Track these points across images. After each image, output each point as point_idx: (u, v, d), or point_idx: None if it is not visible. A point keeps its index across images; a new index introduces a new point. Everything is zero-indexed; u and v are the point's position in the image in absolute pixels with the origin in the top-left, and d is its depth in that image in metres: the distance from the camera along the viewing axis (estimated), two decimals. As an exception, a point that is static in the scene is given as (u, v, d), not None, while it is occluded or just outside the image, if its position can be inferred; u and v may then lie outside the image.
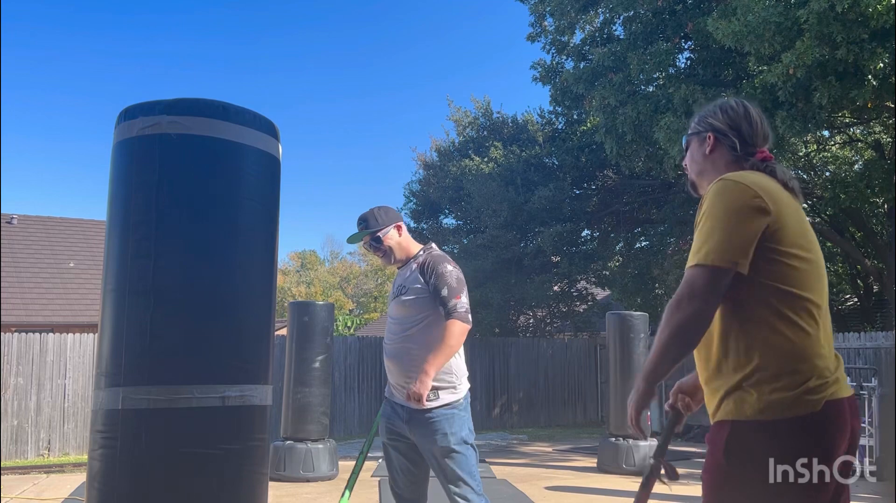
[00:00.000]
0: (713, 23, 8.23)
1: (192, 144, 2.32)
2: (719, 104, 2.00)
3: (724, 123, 1.95)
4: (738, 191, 1.73)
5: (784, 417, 1.65)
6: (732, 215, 1.71)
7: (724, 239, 1.69)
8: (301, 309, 7.77)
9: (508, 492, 6.82)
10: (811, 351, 1.69)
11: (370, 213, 3.25)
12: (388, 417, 3.19)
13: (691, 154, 2.03)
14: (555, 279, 14.24)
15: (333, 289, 47.35)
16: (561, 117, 14.88)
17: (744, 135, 1.93)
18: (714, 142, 1.94)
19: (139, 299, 2.24)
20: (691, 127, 2.05)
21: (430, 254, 3.20)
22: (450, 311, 3.03)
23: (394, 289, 3.25)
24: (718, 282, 1.68)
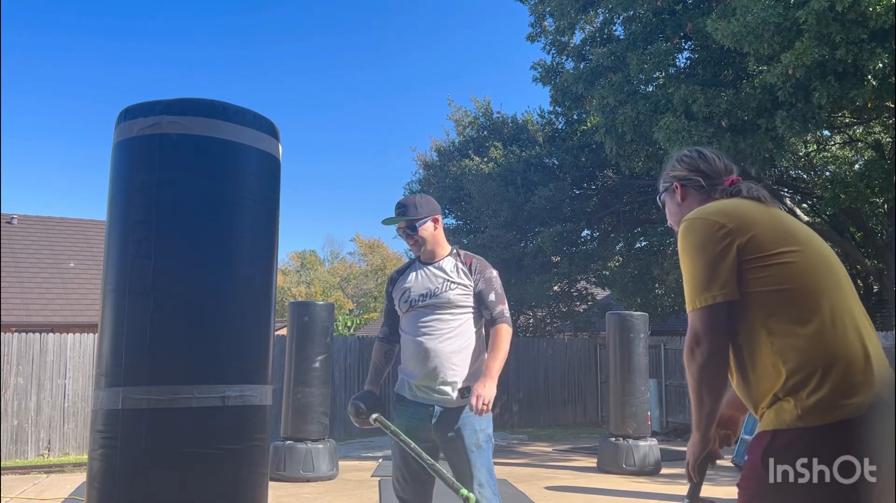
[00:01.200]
0: (713, 23, 8.23)
1: (192, 144, 2.32)
2: (675, 157, 2.11)
3: (685, 170, 2.06)
4: (697, 226, 1.81)
5: (826, 423, 1.61)
6: (702, 251, 1.77)
7: (704, 277, 1.76)
8: (301, 309, 7.77)
9: (508, 492, 6.82)
10: (836, 343, 1.67)
11: (410, 200, 3.19)
12: (408, 420, 3.07)
13: (669, 210, 2.13)
14: (555, 279, 14.25)
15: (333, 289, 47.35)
16: (561, 117, 14.88)
17: (704, 172, 2.03)
18: (682, 189, 2.06)
19: (139, 299, 2.24)
20: (660, 189, 2.16)
21: (473, 256, 3.19)
22: (498, 316, 3.06)
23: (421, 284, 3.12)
24: (717, 319, 1.74)
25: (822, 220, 13.09)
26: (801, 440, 1.63)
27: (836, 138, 13.35)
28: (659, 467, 8.13)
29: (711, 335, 1.73)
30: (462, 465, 2.98)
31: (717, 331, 1.73)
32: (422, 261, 3.20)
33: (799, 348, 1.67)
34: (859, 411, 1.61)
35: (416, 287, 3.12)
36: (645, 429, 8.28)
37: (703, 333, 1.74)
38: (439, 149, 16.35)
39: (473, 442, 2.97)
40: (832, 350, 1.66)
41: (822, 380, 1.63)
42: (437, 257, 3.16)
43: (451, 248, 3.23)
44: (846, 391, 1.62)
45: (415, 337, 3.06)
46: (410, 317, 3.11)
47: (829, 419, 1.61)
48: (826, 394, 1.62)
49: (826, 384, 1.63)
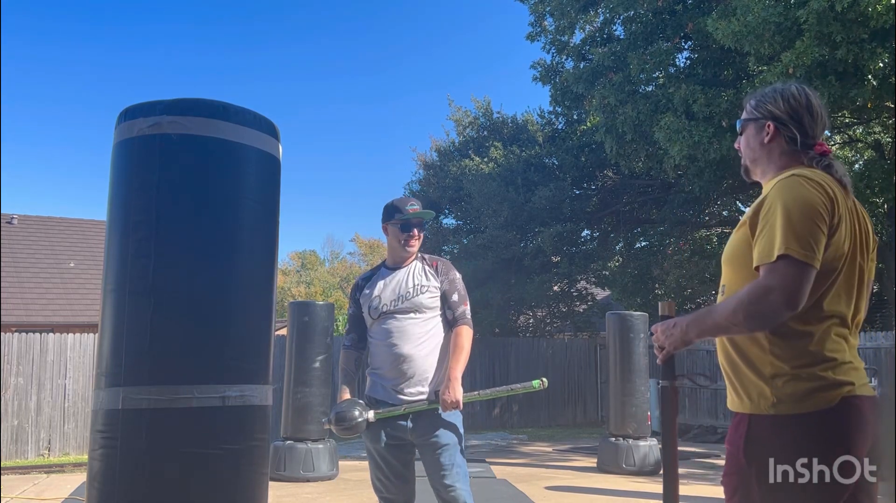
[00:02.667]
0: (713, 23, 8.23)
1: (192, 144, 2.32)
2: (780, 90, 1.92)
3: (786, 113, 1.88)
4: (817, 191, 1.70)
5: (798, 412, 1.65)
6: (813, 215, 1.66)
7: (812, 238, 1.64)
8: (301, 309, 7.77)
9: (508, 492, 6.82)
10: (827, 344, 1.69)
11: (418, 201, 3.34)
12: (384, 421, 3.12)
13: (747, 139, 1.96)
14: (555, 279, 14.25)
15: (333, 289, 47.33)
16: (561, 117, 14.89)
17: (805, 127, 1.87)
18: (774, 131, 1.88)
19: (139, 299, 2.24)
20: (747, 110, 1.98)
21: (439, 258, 3.29)
22: (459, 317, 3.15)
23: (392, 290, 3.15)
24: (807, 281, 1.63)
25: (822, 220, 13.08)
26: (776, 428, 1.66)
27: (836, 138, 13.35)
28: (659, 467, 8.13)
29: (799, 298, 1.62)
30: (436, 463, 3.04)
31: (804, 296, 1.62)
32: (389, 265, 3.25)
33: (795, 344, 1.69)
34: (830, 402, 1.64)
35: (385, 293, 3.15)
36: (645, 429, 8.27)
37: (792, 289, 1.61)
38: (439, 149, 16.35)
39: (446, 440, 3.04)
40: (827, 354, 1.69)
41: (805, 375, 1.67)
42: (406, 261, 3.22)
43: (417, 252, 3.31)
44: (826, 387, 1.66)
45: (388, 341, 3.10)
46: (381, 322, 3.15)
47: (801, 409, 1.65)
48: (803, 388, 1.66)
49: (808, 380, 1.66)
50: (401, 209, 3.23)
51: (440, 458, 3.03)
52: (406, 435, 3.09)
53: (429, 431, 3.05)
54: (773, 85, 1.98)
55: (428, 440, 3.05)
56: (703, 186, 11.13)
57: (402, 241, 3.20)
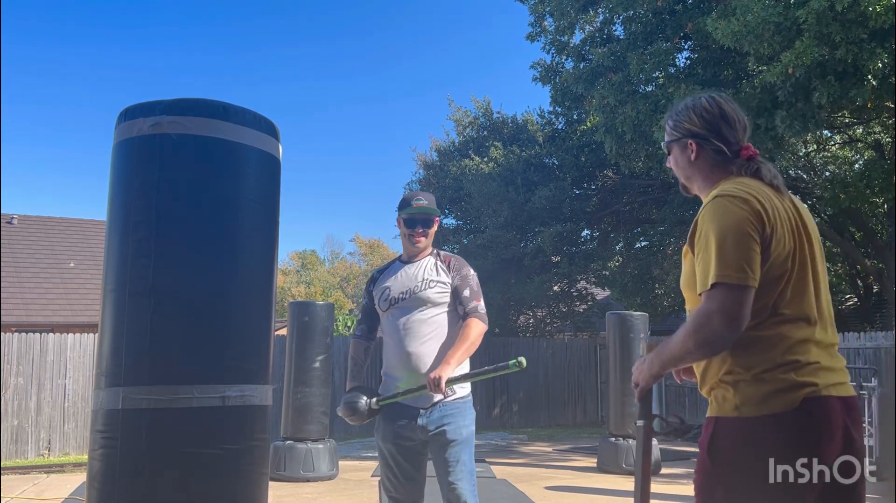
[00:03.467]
0: (713, 23, 8.23)
1: (192, 144, 2.32)
2: (691, 106, 1.95)
3: (702, 128, 1.92)
4: (742, 209, 1.72)
5: (761, 414, 1.67)
6: (741, 236, 1.69)
7: (740, 257, 1.68)
8: (301, 309, 7.77)
9: (508, 492, 6.82)
10: (788, 347, 1.71)
11: (429, 196, 3.27)
12: (396, 421, 3.08)
13: (675, 160, 2.00)
14: (555, 279, 14.25)
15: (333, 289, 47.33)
16: (561, 117, 14.89)
17: (725, 137, 1.91)
18: (697, 148, 1.92)
19: (139, 299, 2.24)
20: (667, 131, 2.02)
21: (452, 254, 3.26)
22: (470, 311, 3.11)
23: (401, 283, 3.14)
24: (745, 299, 1.67)
25: (822, 220, 13.09)
26: (739, 429, 1.69)
27: (836, 138, 13.35)
28: (659, 467, 8.13)
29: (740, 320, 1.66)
30: (444, 459, 3.02)
31: (745, 317, 1.66)
32: (403, 259, 3.25)
33: (757, 344, 1.71)
34: (793, 404, 1.66)
35: (395, 285, 3.15)
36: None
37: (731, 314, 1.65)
38: (439, 149, 16.36)
39: (457, 436, 3.02)
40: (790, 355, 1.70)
41: (767, 376, 1.69)
42: (421, 256, 3.20)
43: (433, 248, 3.29)
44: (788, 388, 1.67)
45: (397, 340, 3.09)
46: (390, 316, 3.14)
47: (763, 411, 1.67)
48: (764, 390, 1.68)
49: (769, 382, 1.68)
50: (409, 203, 3.21)
51: (446, 455, 3.02)
52: (417, 434, 3.05)
53: (436, 427, 3.02)
54: (685, 100, 2.00)
55: (437, 436, 3.02)
56: (703, 186, 11.09)
57: (408, 236, 3.19)
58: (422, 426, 3.03)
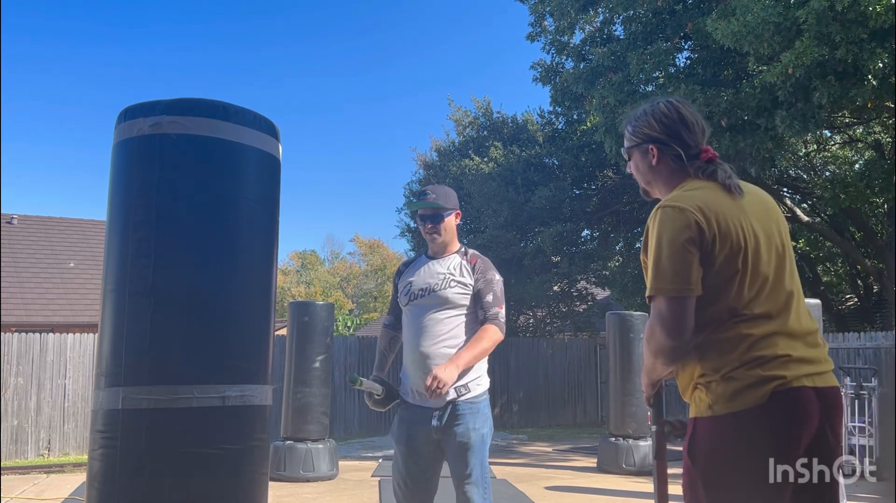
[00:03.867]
0: (712, 23, 8.23)
1: (192, 144, 2.32)
2: (650, 112, 1.97)
3: (662, 133, 1.94)
4: (678, 220, 1.76)
5: (731, 411, 1.70)
6: (676, 248, 1.74)
7: (679, 268, 1.73)
8: (301, 309, 7.77)
9: (508, 492, 6.82)
10: (750, 344, 1.73)
11: (441, 189, 3.14)
12: (410, 423, 3.02)
13: (636, 165, 2.03)
14: (555, 279, 14.25)
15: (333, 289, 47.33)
16: (561, 117, 14.89)
17: (685, 140, 1.93)
18: (658, 153, 1.95)
19: (139, 299, 2.24)
20: (627, 137, 2.04)
21: (480, 255, 3.15)
22: (490, 317, 3.03)
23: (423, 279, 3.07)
24: (687, 313, 1.73)
25: (822, 220, 13.09)
26: (713, 428, 1.72)
27: (836, 138, 13.35)
28: (659, 467, 8.12)
29: (680, 329, 1.73)
30: (455, 461, 2.97)
31: (686, 325, 1.73)
32: (429, 254, 3.16)
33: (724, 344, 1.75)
34: (760, 400, 1.68)
35: (417, 281, 3.08)
36: (645, 429, 8.27)
37: (670, 324, 1.73)
38: (439, 149, 16.36)
39: (467, 439, 2.96)
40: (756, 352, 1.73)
41: (734, 374, 1.72)
42: (446, 252, 3.12)
43: (461, 245, 3.19)
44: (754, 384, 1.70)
45: (412, 338, 3.04)
46: (409, 312, 3.08)
47: (732, 408, 1.70)
48: (731, 388, 1.71)
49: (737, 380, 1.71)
50: (417, 196, 3.15)
51: (456, 460, 2.97)
52: (431, 435, 2.98)
53: (451, 428, 2.96)
54: (643, 106, 2.03)
55: (448, 437, 2.97)
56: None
57: (423, 233, 3.13)
58: (434, 427, 2.97)
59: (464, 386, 3.00)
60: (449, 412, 2.97)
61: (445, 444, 2.99)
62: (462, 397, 2.99)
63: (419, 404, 3.01)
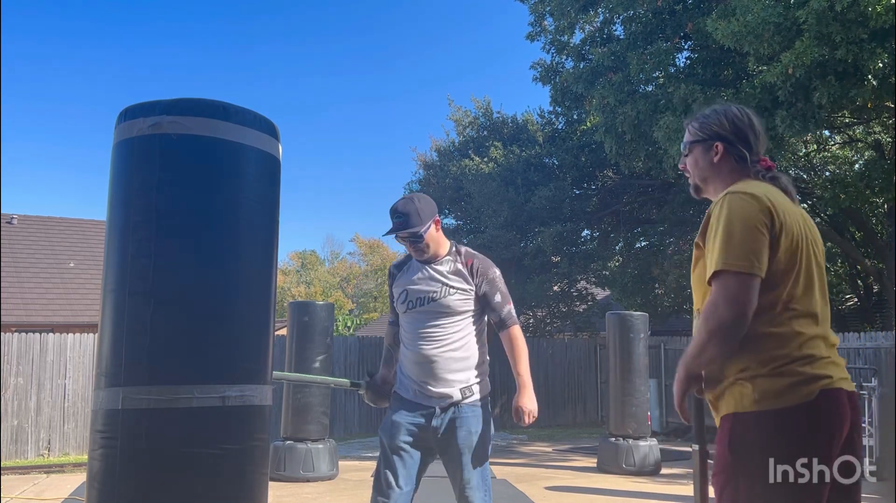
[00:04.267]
0: (712, 23, 8.23)
1: (192, 144, 2.32)
2: (723, 111, 2.02)
3: (732, 132, 1.99)
4: (751, 204, 1.79)
5: (779, 407, 1.71)
6: (749, 228, 1.76)
7: (750, 248, 1.74)
8: (301, 309, 7.78)
9: (508, 492, 6.82)
10: (802, 342, 1.76)
11: (411, 207, 2.96)
12: (409, 421, 2.96)
13: (695, 160, 2.05)
14: (555, 279, 14.24)
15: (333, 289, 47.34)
16: (561, 117, 14.89)
17: (751, 145, 1.98)
18: (723, 151, 1.99)
19: (139, 299, 2.23)
20: (692, 132, 2.07)
21: (474, 255, 3.07)
22: (506, 318, 3.02)
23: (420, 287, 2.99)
24: (752, 290, 1.73)
25: (822, 220, 13.08)
26: (759, 423, 1.72)
27: (836, 138, 13.34)
28: (659, 467, 8.13)
29: (746, 306, 1.72)
30: (457, 464, 2.92)
31: (751, 303, 1.72)
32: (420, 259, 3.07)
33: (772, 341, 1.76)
34: (810, 396, 1.70)
35: (414, 289, 3.01)
36: (645, 429, 8.28)
37: (737, 300, 1.72)
38: (439, 149, 16.35)
39: (468, 442, 2.92)
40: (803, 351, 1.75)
41: (783, 370, 1.73)
42: (437, 257, 3.03)
43: (450, 244, 3.09)
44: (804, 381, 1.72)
45: (415, 343, 2.98)
46: (409, 319, 3.01)
47: (781, 403, 1.71)
48: (782, 383, 1.72)
49: (787, 376, 1.73)
50: (390, 218, 3.02)
51: (454, 463, 2.93)
52: (429, 435, 2.95)
53: (450, 429, 2.92)
54: (713, 107, 2.08)
55: (447, 439, 2.92)
56: (703, 186, 11.10)
57: (408, 250, 3.06)
58: (435, 428, 2.94)
59: (468, 387, 2.96)
60: (451, 414, 2.93)
61: (446, 446, 2.95)
62: (466, 399, 2.95)
63: (419, 402, 2.97)
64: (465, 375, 2.98)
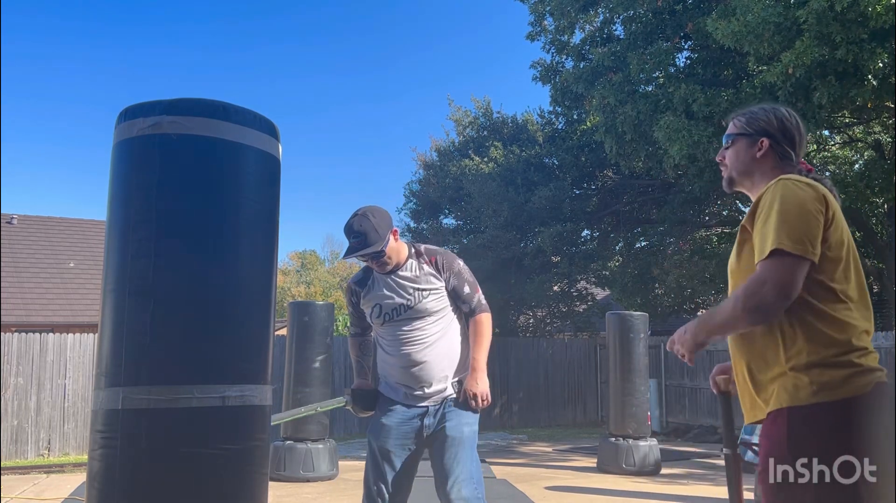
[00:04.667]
0: (713, 23, 8.23)
1: (192, 144, 2.32)
2: (772, 110, 2.04)
3: (779, 131, 2.00)
4: (807, 190, 1.78)
5: (837, 398, 1.68)
6: (805, 211, 1.74)
7: (803, 231, 1.72)
8: (301, 309, 7.77)
9: (508, 492, 6.82)
10: (854, 336, 1.76)
11: (367, 225, 2.88)
12: (397, 423, 2.97)
13: (737, 153, 2.04)
14: (555, 279, 14.24)
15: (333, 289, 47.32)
16: (561, 117, 14.89)
17: (795, 146, 2.00)
18: (767, 147, 1.99)
19: (139, 299, 2.23)
20: (738, 125, 2.07)
21: (435, 251, 3.05)
22: (476, 307, 3.04)
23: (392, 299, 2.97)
24: (800, 273, 1.71)
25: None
26: (818, 416, 1.69)
27: (836, 138, 13.34)
28: (659, 467, 8.13)
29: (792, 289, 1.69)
30: (446, 458, 2.93)
31: (796, 288, 1.70)
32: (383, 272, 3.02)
33: (827, 334, 1.74)
34: (866, 389, 1.69)
35: (387, 302, 2.97)
36: (645, 429, 8.28)
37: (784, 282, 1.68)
38: (439, 149, 16.35)
39: (459, 433, 2.93)
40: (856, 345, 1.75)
41: (840, 362, 1.71)
42: (398, 265, 3.00)
43: (408, 247, 3.05)
44: (859, 373, 1.71)
45: (398, 349, 2.97)
46: (388, 329, 3.00)
47: (839, 395, 1.68)
48: (839, 376, 1.70)
49: (843, 367, 1.71)
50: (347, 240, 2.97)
51: (444, 457, 2.92)
52: (421, 434, 2.96)
53: (440, 425, 2.94)
54: (761, 105, 2.09)
55: (437, 435, 2.94)
56: (703, 186, 11.12)
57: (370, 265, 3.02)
58: (426, 426, 2.95)
59: (457, 381, 3.01)
60: (441, 409, 2.96)
61: (435, 442, 2.96)
62: (451, 394, 2.99)
63: (408, 403, 2.98)
64: (451, 372, 3.00)
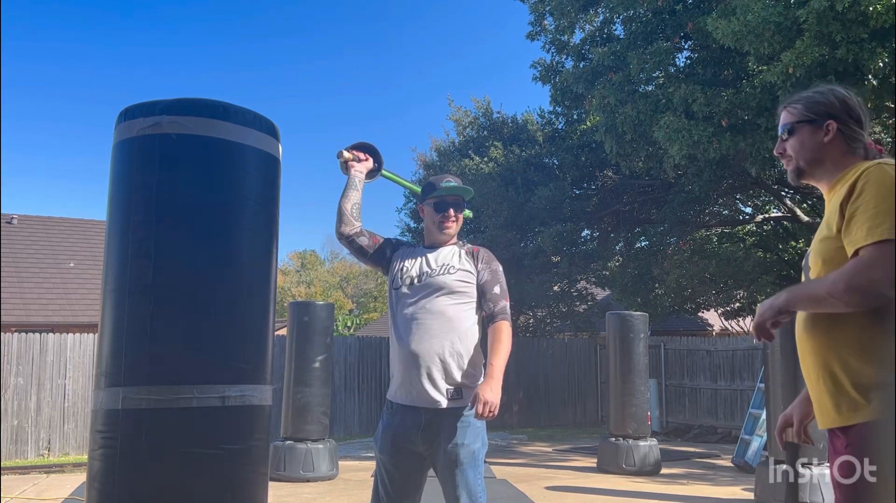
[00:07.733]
0: (713, 22, 8.23)
1: (192, 144, 2.32)
2: (830, 91, 1.91)
3: (843, 112, 1.88)
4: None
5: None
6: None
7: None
8: (301, 309, 7.78)
9: (508, 492, 6.82)
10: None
11: (458, 178, 3.06)
12: (396, 429, 2.79)
13: (801, 141, 1.92)
14: (555, 279, 14.24)
15: (333, 289, 47.33)
16: (561, 117, 14.88)
17: (863, 125, 1.88)
18: (836, 130, 1.87)
19: (139, 299, 2.23)
20: (796, 113, 1.94)
21: (480, 247, 2.99)
22: (499, 313, 2.82)
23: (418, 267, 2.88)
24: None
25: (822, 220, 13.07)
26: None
27: (837, 138, 13.32)
28: (659, 467, 8.13)
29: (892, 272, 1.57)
30: (443, 479, 2.75)
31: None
32: (426, 245, 3.00)
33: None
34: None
35: (413, 266, 2.90)
36: (645, 429, 8.28)
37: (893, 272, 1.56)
38: (439, 149, 16.35)
39: (455, 456, 2.72)
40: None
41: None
42: (445, 244, 2.96)
43: (457, 239, 3.05)
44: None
45: (402, 332, 2.79)
46: (399, 301, 2.86)
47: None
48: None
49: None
50: (436, 185, 2.96)
51: (446, 478, 2.74)
52: (418, 444, 2.77)
53: (441, 439, 2.73)
54: (815, 88, 1.95)
55: (438, 449, 2.74)
56: (703, 186, 11.12)
57: (437, 223, 2.93)
58: (420, 434, 2.76)
59: (455, 390, 2.74)
60: (435, 424, 2.73)
61: (432, 458, 2.78)
62: (455, 402, 2.73)
63: (405, 404, 2.78)
64: (455, 375, 2.75)
